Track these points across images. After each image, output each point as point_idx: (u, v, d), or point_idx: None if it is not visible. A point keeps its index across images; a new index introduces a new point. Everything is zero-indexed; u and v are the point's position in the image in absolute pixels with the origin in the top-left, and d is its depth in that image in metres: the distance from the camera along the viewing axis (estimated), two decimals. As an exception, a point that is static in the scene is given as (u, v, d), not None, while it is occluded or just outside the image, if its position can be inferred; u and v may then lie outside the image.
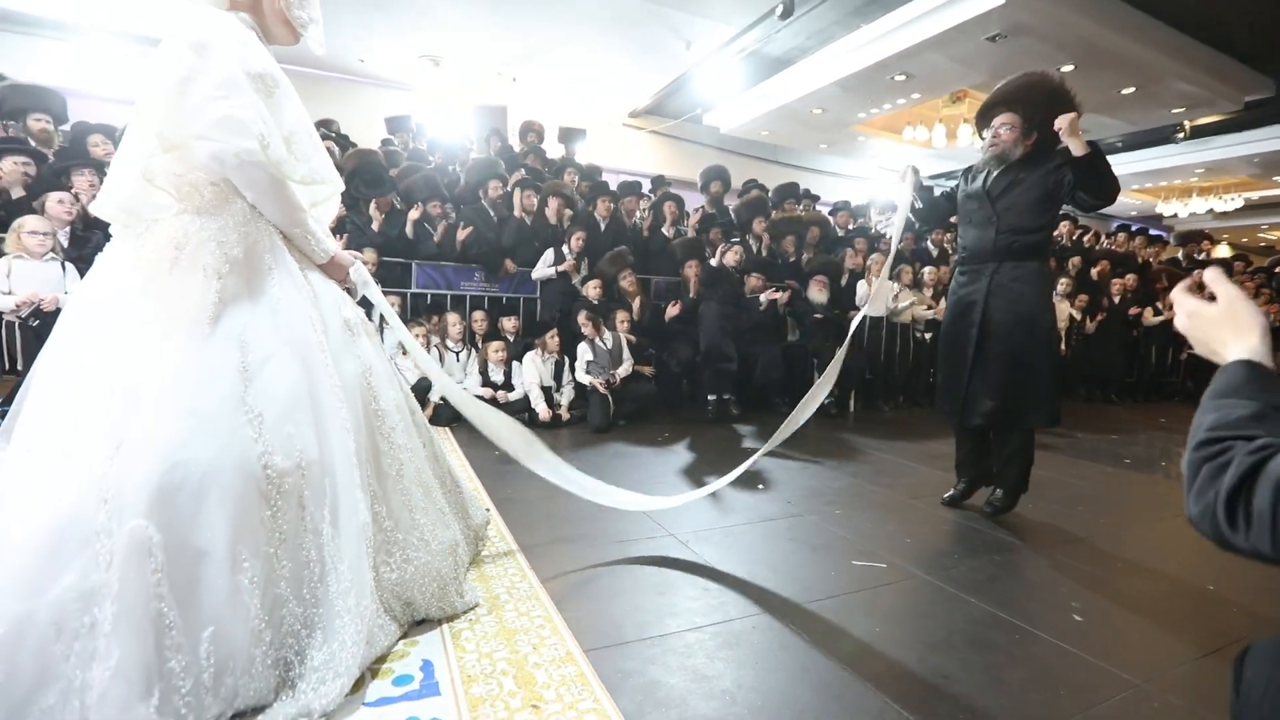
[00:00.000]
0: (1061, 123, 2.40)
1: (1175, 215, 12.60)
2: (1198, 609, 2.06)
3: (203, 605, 1.18)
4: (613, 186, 6.31)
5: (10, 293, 3.43)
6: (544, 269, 5.15)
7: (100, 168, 4.40)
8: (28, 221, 3.45)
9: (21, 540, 1.08)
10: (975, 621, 1.88)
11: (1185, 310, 0.81)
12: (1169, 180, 11.38)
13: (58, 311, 3.51)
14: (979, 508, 2.88)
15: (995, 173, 2.73)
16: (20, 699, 1.05)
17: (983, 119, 2.80)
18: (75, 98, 5.65)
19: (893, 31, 6.51)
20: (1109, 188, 2.47)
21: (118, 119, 5.62)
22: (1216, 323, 0.76)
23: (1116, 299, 6.75)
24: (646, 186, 7.36)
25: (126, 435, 1.18)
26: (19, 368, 3.65)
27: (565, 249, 5.12)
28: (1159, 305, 6.98)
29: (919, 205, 2.94)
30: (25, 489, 1.15)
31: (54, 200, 3.76)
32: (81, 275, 3.60)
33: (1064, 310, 6.36)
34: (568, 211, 5.51)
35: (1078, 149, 2.43)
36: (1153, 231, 10.65)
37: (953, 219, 3.16)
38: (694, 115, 9.74)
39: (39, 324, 3.46)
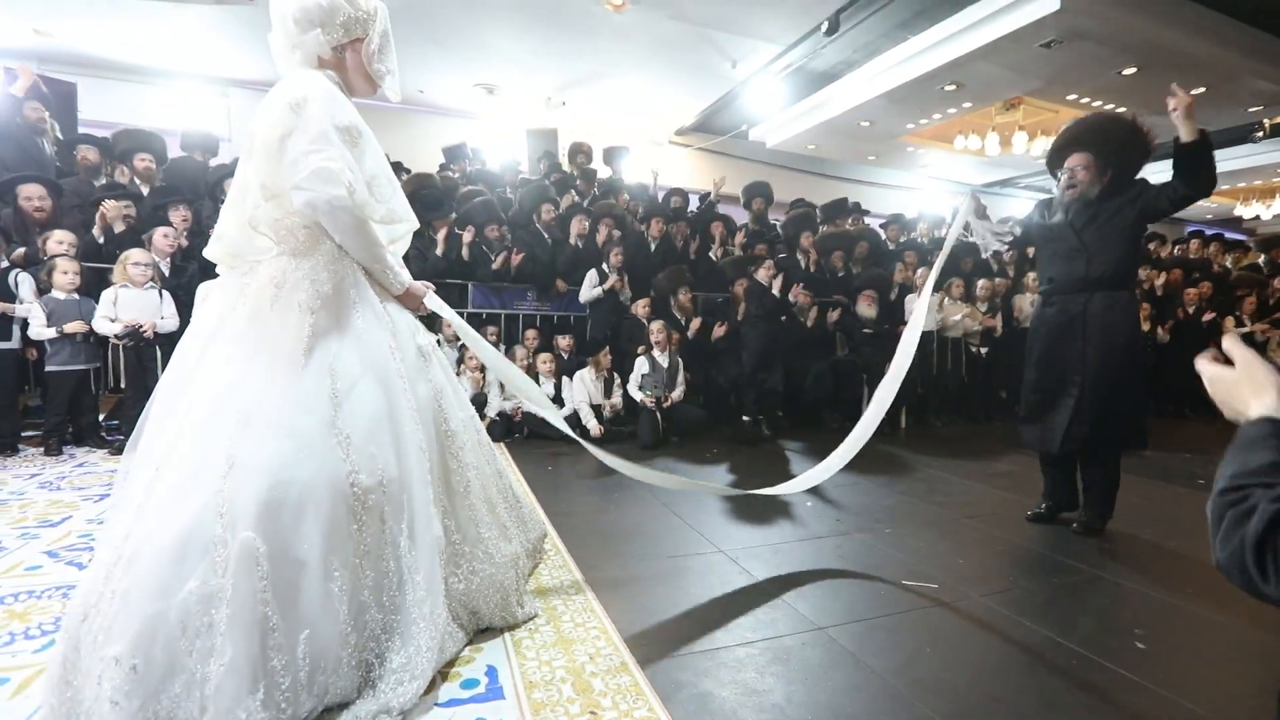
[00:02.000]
0: (1179, 103, 2.41)
1: (1257, 218, 11.84)
2: (1268, 641, 1.97)
3: (300, 610, 1.32)
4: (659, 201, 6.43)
5: (116, 319, 3.79)
6: (589, 291, 5.28)
7: (192, 203, 4.82)
8: (132, 254, 3.83)
9: (156, 548, 1.25)
10: (1031, 644, 1.86)
11: (1206, 376, 0.85)
12: (1248, 181, 10.72)
13: (155, 335, 3.86)
14: (1064, 525, 2.92)
15: (1076, 208, 2.79)
16: (154, 687, 1.21)
17: (1055, 159, 2.86)
18: (167, 136, 6.20)
19: (941, 43, 6.43)
20: (1208, 178, 2.52)
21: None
22: (1237, 384, 0.80)
23: (1191, 309, 6.42)
24: (695, 204, 7.46)
25: (238, 455, 1.34)
26: (121, 385, 4.02)
27: (605, 266, 5.25)
28: (1240, 314, 6.59)
29: (973, 230, 3.04)
30: (157, 502, 1.31)
31: (160, 235, 4.16)
32: (177, 302, 3.99)
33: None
34: (617, 233, 5.64)
35: (1188, 134, 2.46)
36: (1231, 236, 10.06)
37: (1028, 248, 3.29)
38: (740, 132, 9.81)
39: (134, 346, 3.81)
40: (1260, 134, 8.57)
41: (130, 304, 3.84)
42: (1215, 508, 0.72)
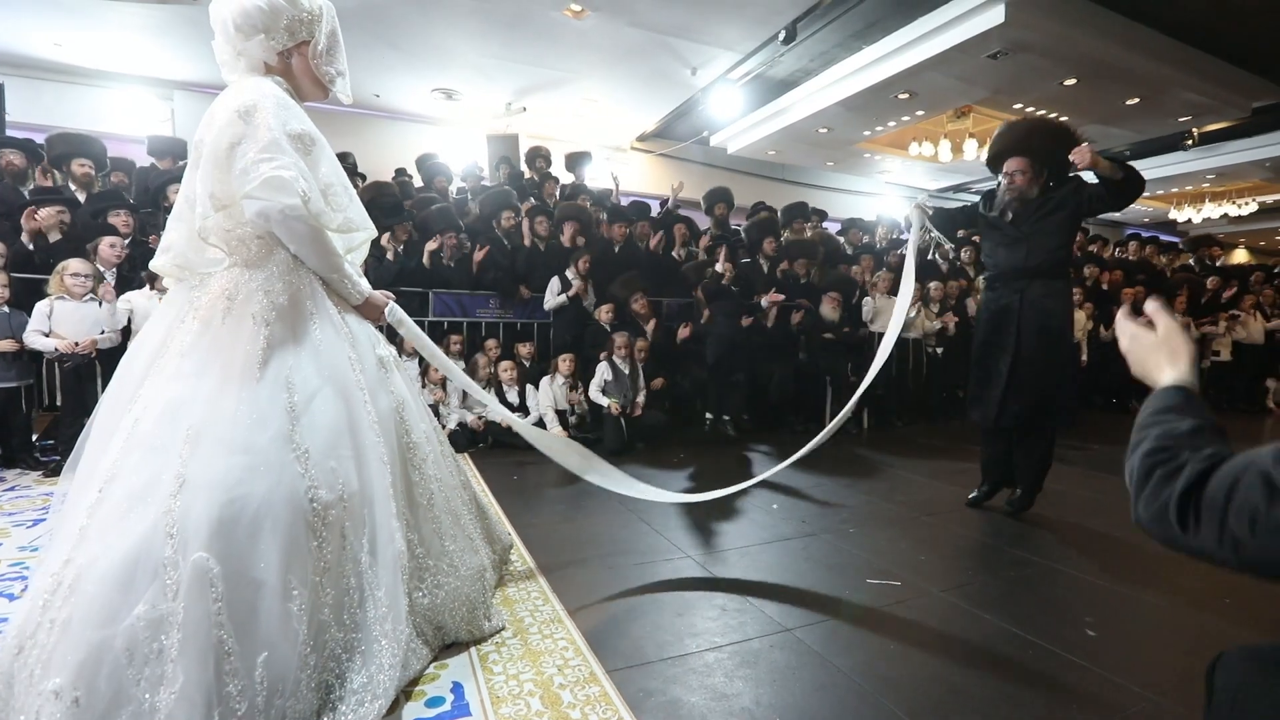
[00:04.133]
0: (1081, 160, 2.63)
1: (1189, 221, 12.51)
2: (1212, 622, 2.08)
3: (258, 632, 1.28)
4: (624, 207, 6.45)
5: (50, 333, 3.59)
6: (553, 298, 5.25)
7: (135, 210, 4.62)
8: (70, 264, 3.63)
9: (101, 572, 1.19)
10: (990, 637, 1.92)
11: (1127, 333, 0.89)
12: (1180, 187, 11.33)
13: (93, 353, 3.67)
14: (999, 508, 3.12)
15: (1016, 207, 2.98)
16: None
17: (994, 163, 3.05)
18: (107, 140, 5.95)
19: (894, 53, 6.62)
20: (1136, 192, 2.79)
21: (146, 159, 5.92)
22: (1155, 348, 0.85)
23: (1131, 307, 6.74)
24: (656, 208, 7.50)
25: (189, 473, 1.28)
26: (56, 403, 3.82)
27: (570, 273, 5.24)
28: (1175, 313, 6.95)
29: (930, 237, 3.27)
30: (100, 524, 1.25)
31: (106, 244, 3.95)
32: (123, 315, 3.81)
33: (1080, 319, 6.37)
34: (581, 239, 5.63)
35: (1110, 173, 2.71)
36: (1166, 238, 10.62)
37: (972, 235, 3.54)
38: (702, 138, 9.92)
39: (70, 364, 3.60)
40: (1189, 142, 9.08)
41: (67, 318, 3.64)
42: (1142, 467, 0.77)
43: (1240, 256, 15.34)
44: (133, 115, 7.93)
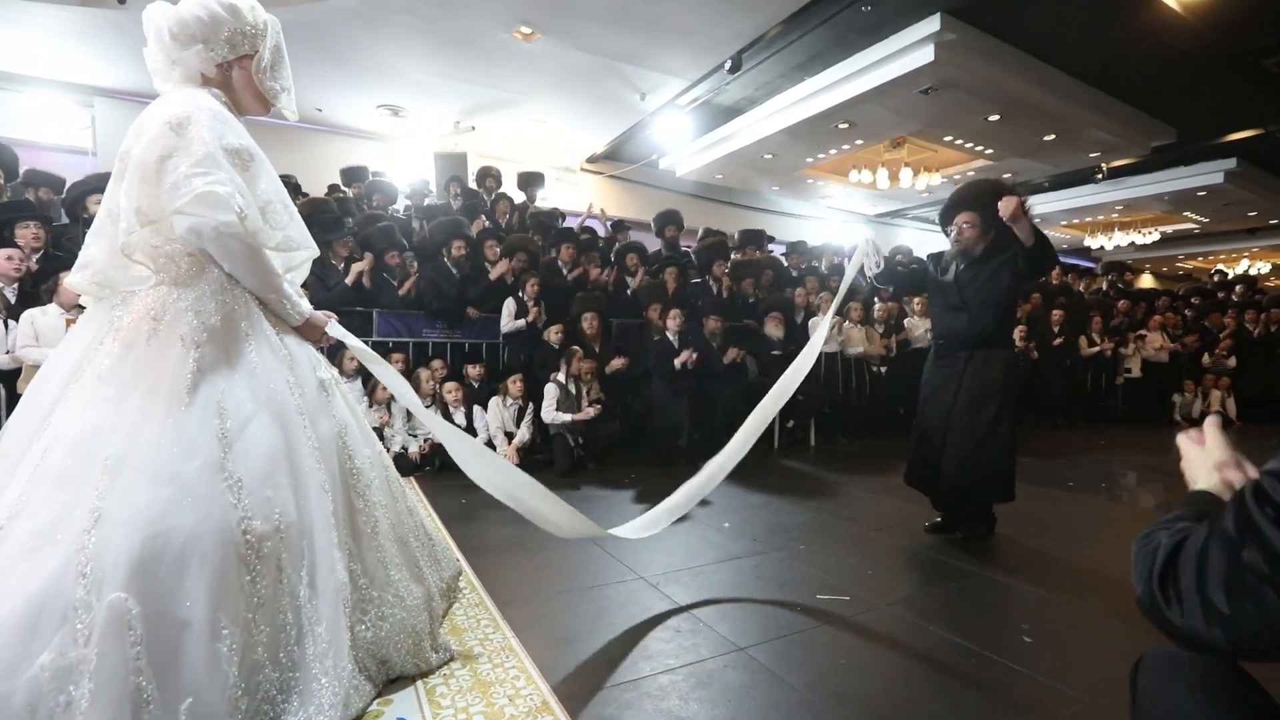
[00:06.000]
0: (1005, 209, 2.69)
1: (1101, 248, 13.49)
2: (1139, 624, 2.20)
3: (181, 677, 1.18)
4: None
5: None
6: (510, 323, 5.18)
7: (48, 221, 4.32)
8: (-30, 280, 3.35)
9: (0, 620, 1.08)
10: (934, 648, 1.98)
11: (1182, 449, 0.93)
12: (1093, 216, 12.21)
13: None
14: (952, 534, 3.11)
15: (963, 265, 3.03)
16: (-7, 785, 1.03)
17: (946, 217, 3.10)
18: (21, 148, 5.56)
19: (834, 85, 6.94)
20: (1050, 263, 2.91)
21: (63, 169, 5.56)
22: (1196, 462, 0.89)
23: (1056, 329, 7.18)
24: (603, 232, 7.52)
25: (105, 507, 1.19)
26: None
27: (523, 295, 5.19)
28: (1092, 335, 7.44)
29: (872, 272, 3.17)
30: (2, 566, 1.14)
31: (2, 257, 3.66)
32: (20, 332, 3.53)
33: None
34: (520, 268, 5.52)
35: (1025, 236, 2.75)
36: (1083, 264, 11.40)
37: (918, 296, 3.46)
38: (650, 161, 10.07)
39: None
40: (1100, 175, 9.82)
41: (-32, 337, 3.36)
42: (1133, 554, 0.80)
43: (1147, 281, 16.60)
44: (50, 122, 7.45)
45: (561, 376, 4.64)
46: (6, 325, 3.57)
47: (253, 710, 1.31)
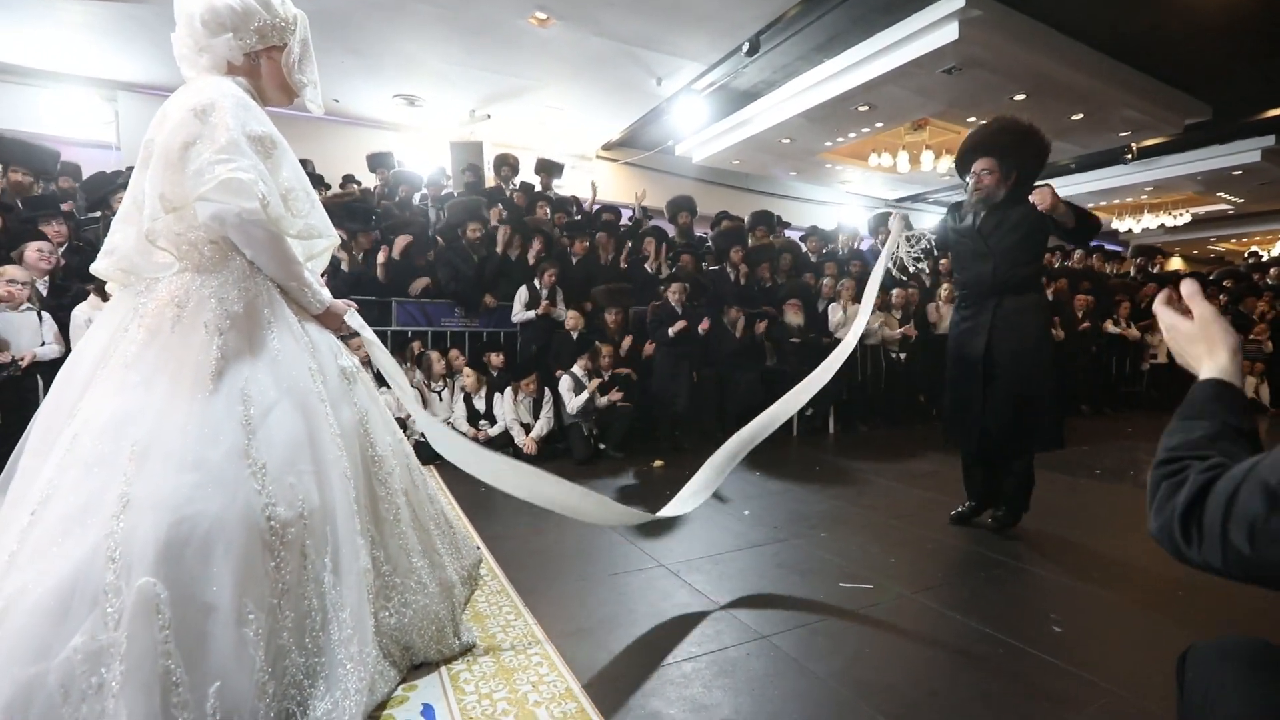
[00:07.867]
0: (1042, 203, 2.57)
1: (1130, 231, 13.13)
2: (1171, 615, 2.15)
3: (209, 660, 1.20)
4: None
5: (-18, 344, 3.37)
6: (522, 312, 5.18)
7: (70, 216, 4.39)
8: (7, 271, 3.42)
9: (32, 602, 1.09)
10: (961, 637, 1.94)
11: (1164, 324, 0.85)
12: (1121, 198, 11.88)
13: (33, 365, 3.46)
14: (982, 523, 3.01)
15: (983, 212, 2.86)
16: (28, 765, 1.05)
17: (962, 164, 2.93)
18: (46, 143, 5.65)
19: (854, 66, 6.78)
20: (1094, 229, 2.75)
21: (88, 163, 5.65)
22: (1191, 339, 0.80)
23: (1080, 314, 7.02)
24: (626, 216, 7.48)
25: (133, 492, 1.20)
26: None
27: (538, 283, 5.18)
28: (1118, 317, 7.26)
29: (910, 254, 3.05)
30: (33, 549, 1.16)
31: (33, 250, 3.72)
32: (59, 325, 3.60)
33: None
34: (540, 253, 5.54)
35: (1065, 219, 2.62)
36: (1110, 247, 11.11)
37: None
38: (667, 147, 9.98)
39: (9, 378, 3.39)
40: (1130, 156, 9.54)
41: (4, 327, 3.43)
42: (1153, 479, 0.74)
43: (1176, 265, 16.16)
44: (74, 117, 7.57)
45: (579, 370, 4.62)
46: (41, 317, 3.64)
47: (279, 694, 1.32)
